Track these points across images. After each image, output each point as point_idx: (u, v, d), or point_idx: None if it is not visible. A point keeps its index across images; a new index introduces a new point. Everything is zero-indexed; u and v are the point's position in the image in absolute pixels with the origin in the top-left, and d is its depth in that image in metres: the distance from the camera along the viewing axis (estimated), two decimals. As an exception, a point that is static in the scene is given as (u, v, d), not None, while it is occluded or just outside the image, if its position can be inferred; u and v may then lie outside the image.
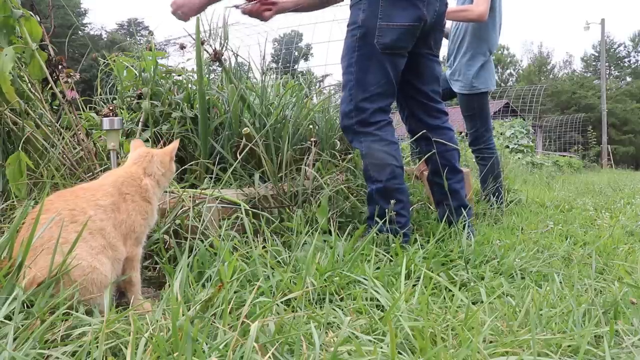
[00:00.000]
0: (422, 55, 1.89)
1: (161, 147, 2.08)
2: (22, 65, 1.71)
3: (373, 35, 1.73)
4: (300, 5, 2.12)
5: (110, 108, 1.91)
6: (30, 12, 1.66)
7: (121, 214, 1.14)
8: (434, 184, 2.01)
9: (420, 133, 1.98)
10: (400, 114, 2.12)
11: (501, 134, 10.97)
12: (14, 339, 0.78)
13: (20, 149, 1.55)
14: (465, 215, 1.85)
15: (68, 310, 0.91)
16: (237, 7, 2.07)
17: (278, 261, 1.38)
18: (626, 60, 44.11)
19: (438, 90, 2.00)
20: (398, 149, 1.82)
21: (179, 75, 2.46)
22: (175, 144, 1.35)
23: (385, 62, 1.76)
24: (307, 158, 2.13)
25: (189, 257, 1.22)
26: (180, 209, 1.54)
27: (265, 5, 2.00)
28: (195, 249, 1.33)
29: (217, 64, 2.33)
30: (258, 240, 1.49)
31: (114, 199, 1.14)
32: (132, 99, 2.27)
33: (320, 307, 1.10)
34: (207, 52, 2.20)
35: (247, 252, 1.36)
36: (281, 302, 1.04)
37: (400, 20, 1.72)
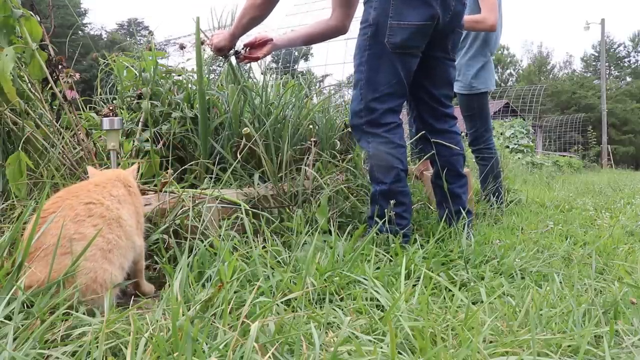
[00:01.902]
0: (437, 59, 1.86)
1: (161, 147, 2.08)
2: (22, 65, 1.71)
3: (384, 34, 1.70)
4: (294, 44, 2.23)
5: (110, 108, 1.90)
6: (30, 12, 1.66)
7: (130, 205, 1.20)
8: (436, 186, 2.00)
9: (420, 134, 1.98)
10: (409, 115, 2.12)
11: (501, 134, 10.97)
12: (14, 339, 0.78)
13: (20, 149, 1.55)
14: (465, 217, 1.85)
15: (68, 310, 0.91)
16: (237, 55, 2.20)
17: (278, 261, 1.38)
18: (626, 60, 44.10)
19: (450, 95, 1.98)
20: (404, 152, 1.81)
21: (179, 75, 2.46)
22: (135, 166, 1.43)
23: (396, 62, 1.73)
24: (307, 158, 2.13)
25: (189, 257, 1.22)
26: (180, 209, 1.54)
27: (260, 46, 2.13)
28: (195, 249, 1.33)
29: (219, 63, 2.34)
30: (258, 240, 1.49)
31: (123, 191, 1.20)
32: (132, 99, 2.27)
33: (320, 307, 1.10)
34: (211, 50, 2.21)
35: (247, 252, 1.36)
36: (281, 302, 1.04)
37: (412, 19, 1.69)
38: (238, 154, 2.01)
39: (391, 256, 1.52)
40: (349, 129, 2.69)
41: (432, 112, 1.96)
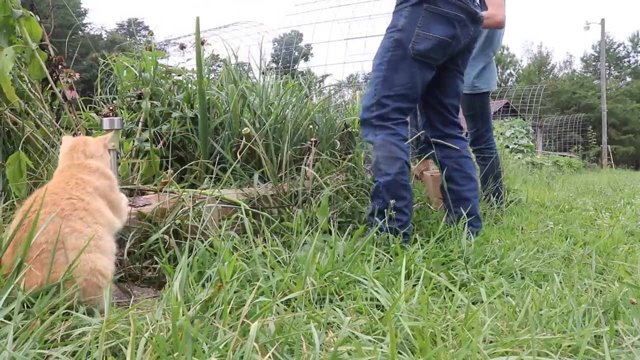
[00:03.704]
0: (450, 70, 1.99)
1: (161, 147, 2.08)
2: (22, 65, 1.71)
3: (409, 40, 1.82)
4: None
5: (110, 108, 1.91)
6: (30, 12, 1.66)
7: (102, 198, 1.19)
8: (445, 190, 2.03)
9: (423, 137, 2.02)
10: (420, 121, 2.20)
11: (501, 134, 10.98)
12: (14, 339, 0.78)
13: (20, 149, 1.55)
14: (470, 221, 1.86)
15: (68, 310, 0.91)
16: None
17: (278, 261, 1.38)
18: (625, 60, 44.09)
19: (457, 106, 2.10)
20: (409, 146, 1.89)
21: (179, 75, 2.46)
22: (109, 134, 1.41)
23: (415, 68, 1.84)
24: (307, 158, 2.13)
25: (189, 257, 1.22)
26: (180, 209, 1.54)
27: None
28: (195, 249, 1.33)
29: (219, 63, 2.34)
30: (258, 241, 1.49)
31: (95, 182, 1.19)
32: (132, 99, 2.27)
33: (320, 307, 1.10)
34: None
35: (247, 252, 1.36)
36: (281, 302, 1.04)
37: (437, 33, 1.82)
38: (238, 154, 2.01)
39: (391, 256, 1.52)
40: (349, 129, 2.69)
41: (441, 119, 2.06)
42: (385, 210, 1.72)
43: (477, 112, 3.02)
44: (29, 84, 1.74)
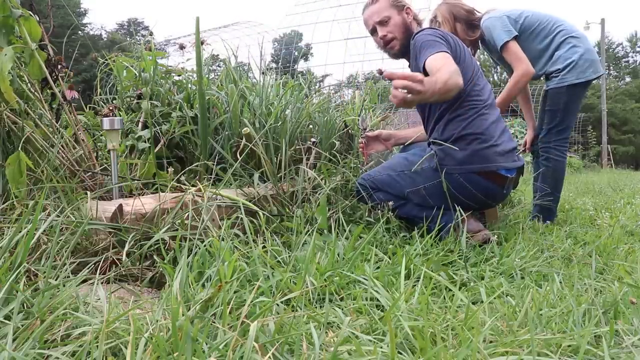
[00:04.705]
0: None
1: (160, 148, 2.08)
2: (22, 65, 1.71)
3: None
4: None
5: (110, 108, 1.91)
6: (30, 12, 1.65)
7: None
8: None
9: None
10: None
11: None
12: (14, 339, 0.78)
13: (20, 149, 1.55)
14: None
15: (68, 310, 0.90)
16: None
17: (278, 261, 1.38)
18: (624, 60, 44.04)
19: None
20: None
21: (179, 75, 2.46)
22: None
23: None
24: (307, 158, 2.13)
25: (188, 257, 1.21)
26: (180, 209, 1.54)
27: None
28: (195, 249, 1.33)
29: (218, 63, 2.34)
30: (258, 241, 1.49)
31: None
32: (132, 99, 2.27)
33: (320, 306, 1.10)
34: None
35: (247, 252, 1.36)
36: (281, 302, 1.03)
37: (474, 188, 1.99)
38: (238, 154, 2.01)
39: (389, 256, 1.52)
40: (348, 129, 2.69)
41: None
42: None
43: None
44: (28, 84, 1.74)
